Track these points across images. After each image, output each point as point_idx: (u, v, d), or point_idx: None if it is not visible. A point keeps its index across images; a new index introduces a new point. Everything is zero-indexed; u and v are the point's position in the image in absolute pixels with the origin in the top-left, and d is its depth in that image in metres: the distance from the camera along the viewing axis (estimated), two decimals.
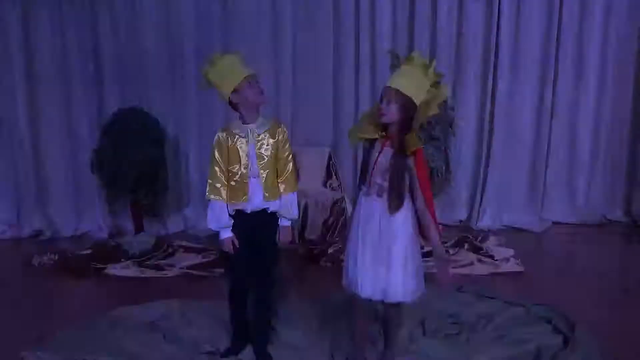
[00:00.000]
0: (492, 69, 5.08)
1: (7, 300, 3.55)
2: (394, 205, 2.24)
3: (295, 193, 2.63)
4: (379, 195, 2.25)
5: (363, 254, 2.30)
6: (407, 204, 2.28)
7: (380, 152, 2.27)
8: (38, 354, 2.72)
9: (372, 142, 2.32)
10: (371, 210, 2.29)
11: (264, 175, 2.52)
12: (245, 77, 2.46)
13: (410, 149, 2.22)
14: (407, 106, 2.21)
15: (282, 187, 2.59)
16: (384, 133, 2.28)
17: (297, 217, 2.68)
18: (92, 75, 4.83)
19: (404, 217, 2.29)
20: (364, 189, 2.31)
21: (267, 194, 2.53)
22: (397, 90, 2.20)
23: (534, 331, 2.97)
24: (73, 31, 4.77)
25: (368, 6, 4.98)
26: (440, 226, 2.56)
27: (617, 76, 5.16)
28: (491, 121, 5.17)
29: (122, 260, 4.21)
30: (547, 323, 3.07)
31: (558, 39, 5.04)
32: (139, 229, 4.81)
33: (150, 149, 4.53)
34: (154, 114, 4.71)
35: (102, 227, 5.05)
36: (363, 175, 2.33)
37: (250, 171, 2.50)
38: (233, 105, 2.52)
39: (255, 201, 2.53)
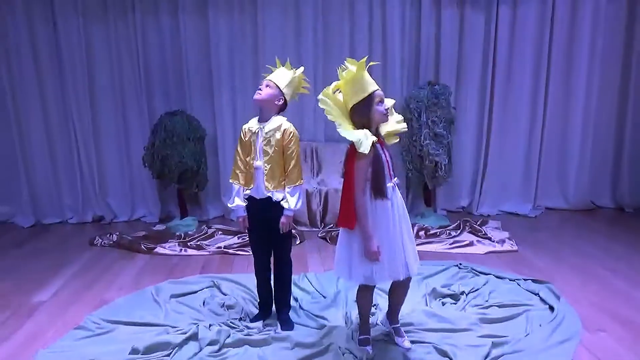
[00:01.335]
0: (490, 73, 5.00)
1: (74, 272, 3.65)
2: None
3: (297, 187, 2.55)
4: (398, 184, 2.25)
5: (402, 240, 2.23)
6: None
7: (383, 149, 2.22)
8: (98, 316, 2.83)
9: (374, 145, 2.13)
10: (400, 198, 2.25)
11: (267, 167, 2.52)
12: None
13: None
14: None
15: (286, 180, 2.55)
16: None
17: (296, 208, 2.56)
18: (143, 83, 4.88)
19: None
20: (390, 184, 2.20)
21: (268, 185, 2.52)
22: None
23: (524, 302, 2.95)
24: (126, 48, 4.84)
25: (379, 19, 4.95)
26: None
27: (603, 77, 5.05)
28: (489, 120, 5.11)
29: (169, 240, 4.28)
30: (536, 295, 3.07)
31: (550, 46, 4.94)
32: (184, 214, 4.88)
33: (193, 146, 4.59)
34: (195, 116, 4.77)
35: (153, 212, 5.11)
36: (384, 175, 2.16)
37: (256, 163, 2.53)
38: None
39: (260, 190, 2.54)
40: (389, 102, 2.31)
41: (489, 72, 5.01)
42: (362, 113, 2.17)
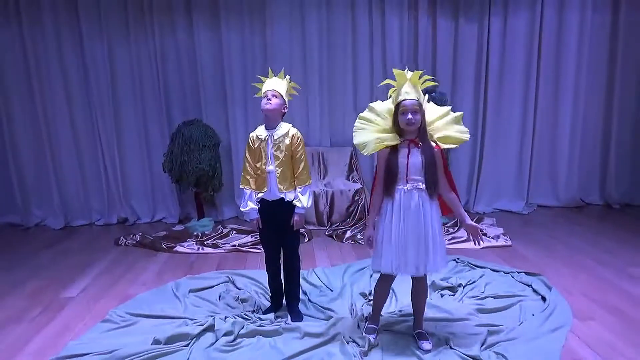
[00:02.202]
0: (483, 80, 5.00)
1: (101, 270, 3.66)
2: (432, 191, 2.18)
3: (307, 187, 2.58)
4: (418, 188, 2.18)
5: (406, 239, 2.19)
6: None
7: (409, 154, 2.19)
8: (123, 310, 2.84)
9: (393, 148, 2.21)
10: (414, 202, 2.18)
11: (278, 171, 2.52)
12: (264, 92, 2.53)
13: (437, 144, 2.23)
14: (423, 110, 2.20)
15: (296, 181, 2.57)
16: (401, 138, 2.21)
17: (308, 206, 2.58)
18: (162, 95, 4.91)
19: (436, 205, 2.24)
20: (401, 187, 2.19)
21: (281, 187, 2.53)
22: (417, 100, 2.17)
23: (517, 293, 2.94)
24: (146, 63, 4.87)
25: (380, 32, 4.95)
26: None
27: (590, 82, 5.03)
28: (484, 123, 5.09)
29: (188, 240, 4.29)
30: (528, 286, 3.05)
31: (539, 53, 4.93)
32: (201, 215, 4.89)
33: (209, 152, 4.60)
34: (210, 124, 4.79)
35: (172, 214, 5.13)
36: (394, 177, 2.19)
37: (268, 167, 2.53)
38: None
39: (273, 192, 2.55)
40: (456, 114, 2.32)
41: (482, 79, 5.01)
42: (393, 119, 2.24)
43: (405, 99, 2.17)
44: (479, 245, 2.32)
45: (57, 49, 4.81)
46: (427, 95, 2.32)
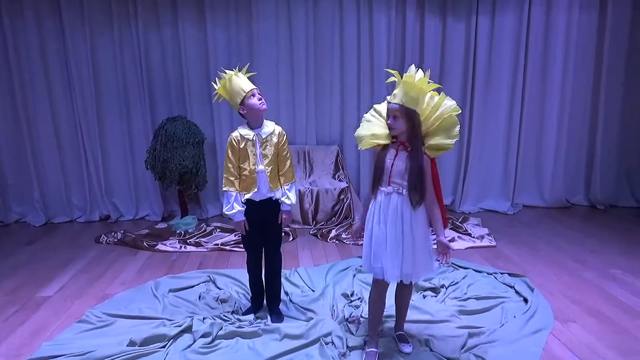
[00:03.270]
0: (470, 79, 4.98)
1: (80, 269, 3.60)
2: (415, 200, 2.06)
3: (294, 184, 2.59)
4: (399, 192, 2.10)
5: (386, 244, 2.10)
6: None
7: (395, 157, 2.12)
8: (99, 310, 2.79)
9: (384, 147, 2.15)
10: (392, 205, 2.10)
11: (268, 170, 2.49)
12: (249, 91, 2.46)
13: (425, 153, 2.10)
14: (411, 116, 2.07)
15: (282, 179, 2.56)
16: (394, 140, 2.14)
17: (295, 202, 2.59)
18: (146, 91, 4.83)
19: (422, 212, 2.12)
20: (383, 188, 2.12)
21: (271, 185, 2.51)
22: (401, 105, 2.06)
23: (500, 294, 2.94)
24: (130, 58, 4.79)
25: (367, 30, 4.92)
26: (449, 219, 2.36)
27: (576, 83, 5.04)
28: (470, 123, 5.09)
29: (170, 238, 4.24)
30: (511, 288, 3.04)
31: (526, 53, 4.92)
32: (184, 213, 4.84)
33: (192, 150, 4.55)
34: (195, 121, 4.73)
35: (156, 212, 5.06)
36: (379, 176, 2.13)
37: (257, 167, 2.49)
38: (242, 115, 2.52)
39: (262, 191, 2.51)
40: (453, 116, 2.18)
41: (470, 78, 5.00)
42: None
43: (389, 102, 2.11)
44: (444, 264, 2.22)
45: (38, 44, 4.71)
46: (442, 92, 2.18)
